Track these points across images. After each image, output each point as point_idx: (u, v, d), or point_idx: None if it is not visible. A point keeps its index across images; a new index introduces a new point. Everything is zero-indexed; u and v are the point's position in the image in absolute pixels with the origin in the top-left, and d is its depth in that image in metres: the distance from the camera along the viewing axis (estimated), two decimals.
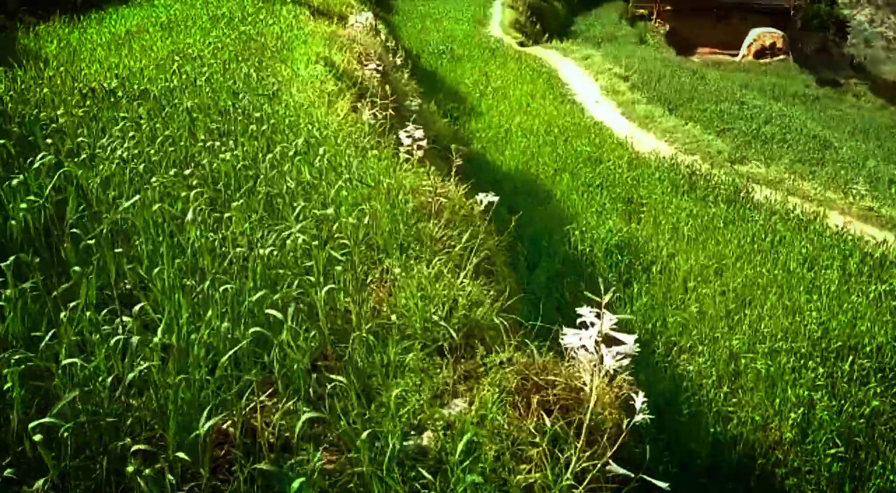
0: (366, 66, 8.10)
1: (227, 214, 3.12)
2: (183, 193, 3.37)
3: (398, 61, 11.06)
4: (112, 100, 5.01)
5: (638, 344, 2.32)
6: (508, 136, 14.47)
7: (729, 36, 50.98)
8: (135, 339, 2.26)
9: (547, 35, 34.13)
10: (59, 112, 4.69)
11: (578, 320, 2.31)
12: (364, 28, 9.82)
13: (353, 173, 4.15)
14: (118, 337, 2.31)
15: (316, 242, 3.06)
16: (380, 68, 7.70)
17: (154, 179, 3.31)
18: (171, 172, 3.59)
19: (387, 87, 8.65)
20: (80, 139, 4.11)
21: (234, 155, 3.94)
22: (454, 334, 2.98)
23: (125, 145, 3.90)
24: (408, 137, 4.94)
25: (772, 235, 9.75)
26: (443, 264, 3.47)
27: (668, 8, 54.09)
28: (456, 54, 22.97)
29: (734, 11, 54.96)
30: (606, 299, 2.16)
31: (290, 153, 3.95)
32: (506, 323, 3.24)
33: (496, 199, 4.69)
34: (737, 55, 50.01)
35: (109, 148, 3.90)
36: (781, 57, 49.63)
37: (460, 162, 4.69)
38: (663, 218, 10.40)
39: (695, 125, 15.87)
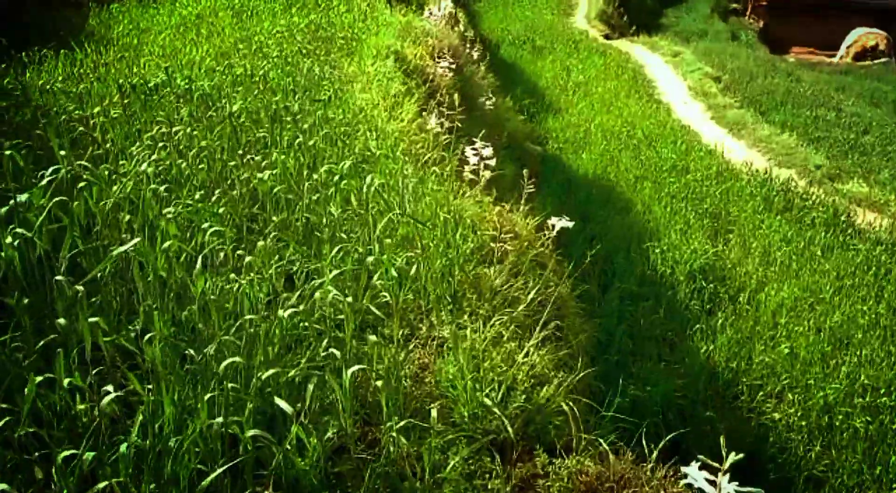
0: (439, 62, 7.53)
1: (248, 259, 2.60)
2: (205, 225, 2.87)
3: (475, 54, 10.43)
4: (156, 97, 4.59)
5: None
6: (587, 136, 13.67)
7: (827, 35, 48.08)
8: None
9: (634, 28, 32.78)
10: (95, 110, 4.30)
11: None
12: (442, 18, 9.25)
13: (407, 200, 3.59)
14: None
15: (350, 299, 2.52)
16: (454, 65, 7.11)
17: (170, 208, 2.81)
18: (198, 195, 3.11)
19: (459, 86, 8.07)
20: (107, 146, 3.69)
21: (273, 174, 3.44)
22: (510, 429, 2.40)
23: (153, 157, 3.44)
24: (475, 154, 4.35)
25: (875, 267, 8.73)
26: (503, 326, 2.88)
27: (763, 3, 51.52)
28: (537, 46, 22.14)
29: (834, 10, 51.90)
30: (727, 464, 1.52)
31: (336, 176, 3.41)
32: (576, 409, 2.63)
33: (571, 224, 4.09)
34: (834, 56, 47.24)
35: (136, 159, 3.46)
36: (884, 60, 46.51)
37: (533, 189, 4.07)
38: (754, 240, 9.49)
39: (791, 135, 14.66)
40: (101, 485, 1.72)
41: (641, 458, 2.53)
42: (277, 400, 2.06)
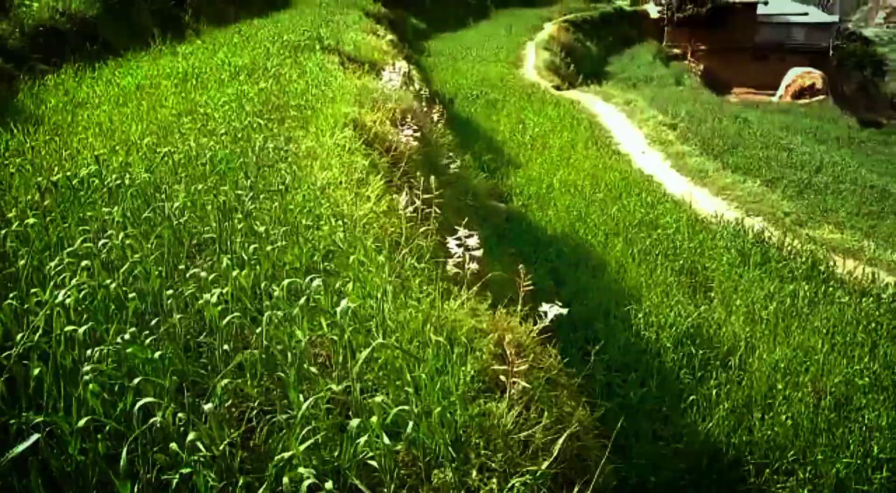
0: (401, 129, 7.03)
1: (191, 436, 1.96)
2: (137, 379, 2.23)
3: (435, 116, 10.01)
4: (83, 194, 3.94)
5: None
6: (551, 192, 13.31)
7: (765, 76, 49.79)
8: None
9: (581, 77, 33.23)
10: (11, 214, 3.64)
11: None
12: (398, 81, 8.81)
13: (387, 314, 2.99)
14: None
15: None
16: (417, 133, 6.63)
17: (88, 366, 2.17)
18: (128, 334, 2.46)
19: (424, 150, 7.59)
20: (20, 262, 3.03)
21: (221, 296, 2.82)
22: None
23: (74, 281, 2.79)
24: (458, 244, 3.80)
25: (865, 322, 8.40)
26: (528, 488, 2.28)
27: (703, 48, 53.15)
28: (491, 99, 22.02)
29: (771, 51, 53.85)
30: None
31: (303, 298, 2.80)
32: None
33: (565, 311, 3.63)
34: (774, 95, 48.74)
35: (52, 282, 2.80)
36: (821, 97, 48.21)
37: (531, 286, 3.53)
38: (736, 297, 9.11)
39: (754, 181, 14.56)
40: None
41: None
42: None
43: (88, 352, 2.36)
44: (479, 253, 3.75)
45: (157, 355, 2.37)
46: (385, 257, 3.72)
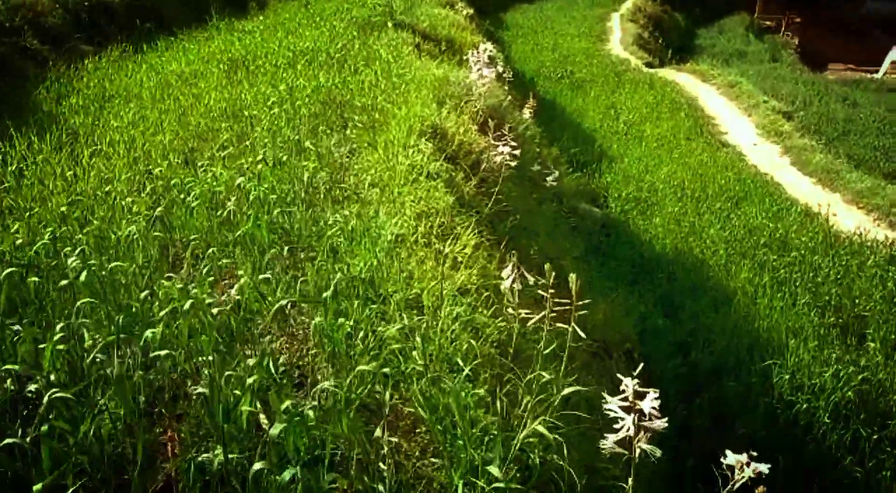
0: (492, 138, 5.42)
1: None
2: None
3: (527, 113, 8.35)
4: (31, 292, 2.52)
5: None
6: (654, 193, 11.50)
7: (866, 51, 45.59)
8: None
9: (670, 51, 30.69)
10: None
11: None
12: (487, 70, 7.18)
13: None
14: None
15: None
16: (517, 149, 5.02)
17: None
18: None
19: (519, 171, 6.00)
20: None
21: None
22: None
23: None
24: (626, 406, 2.23)
25: None
26: None
27: (798, 20, 49.13)
28: (576, 79, 20.08)
29: (874, 24, 49.32)
30: None
31: None
32: None
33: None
34: (876, 72, 44.64)
35: None
36: None
37: None
38: None
39: (873, 175, 12.37)
40: None
41: None
42: None
43: None
44: (658, 425, 2.19)
45: None
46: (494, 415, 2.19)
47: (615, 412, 2.21)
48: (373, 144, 5.14)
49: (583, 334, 2.41)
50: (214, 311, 2.47)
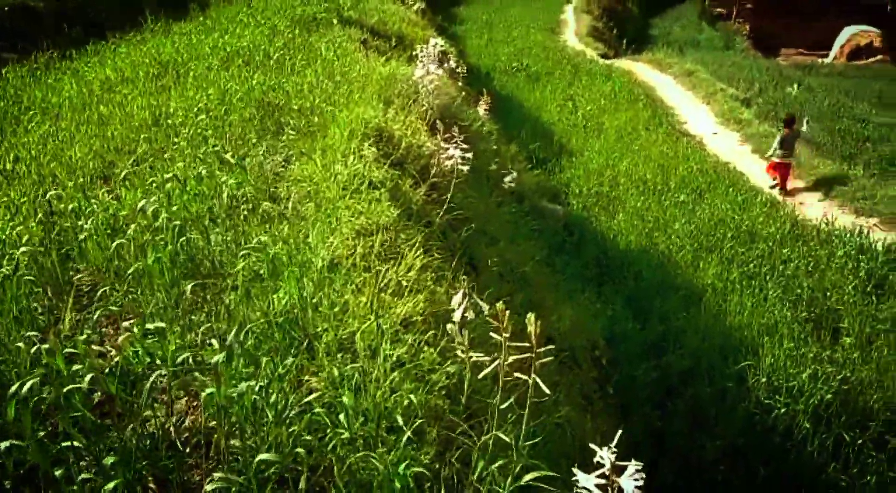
0: (442, 141, 4.96)
1: None
2: None
3: (482, 110, 7.90)
4: None
5: None
6: (616, 189, 11.16)
7: (817, 35, 46.08)
8: None
9: (626, 42, 30.57)
10: None
11: None
12: (436, 65, 6.72)
13: None
14: None
15: None
16: (468, 152, 4.57)
17: None
18: None
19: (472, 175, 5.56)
20: None
21: None
22: None
23: None
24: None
25: None
26: None
27: (749, 6, 49.51)
28: (532, 72, 19.72)
29: (824, 9, 49.91)
30: None
31: None
32: None
33: None
34: (826, 57, 45.15)
35: None
36: (879, 57, 44.59)
37: None
38: (879, 341, 6.98)
39: (857, 169, 12.23)
40: None
41: None
42: None
43: None
44: None
45: None
46: None
47: (589, 491, 1.76)
48: (309, 151, 4.64)
49: (546, 390, 1.96)
50: (88, 378, 1.96)
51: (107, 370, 2.10)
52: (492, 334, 2.11)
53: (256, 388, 1.99)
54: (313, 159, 4.54)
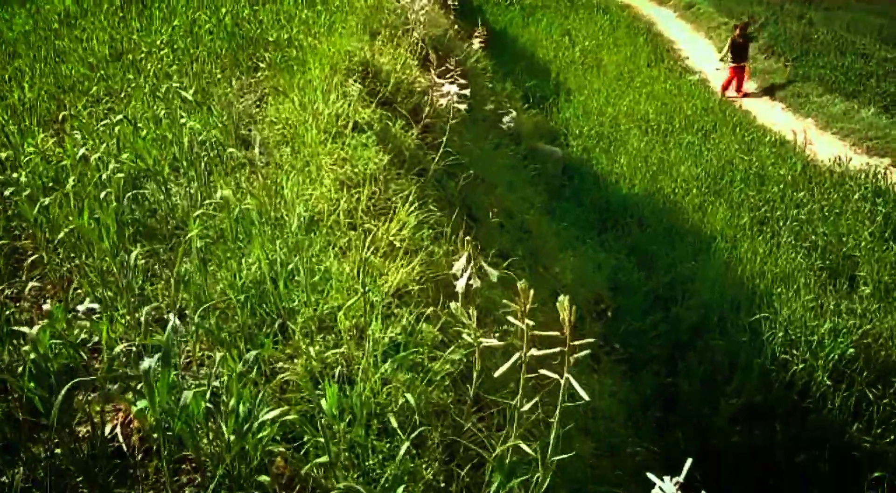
0: (436, 76, 4.41)
1: None
2: None
3: (476, 44, 7.28)
4: None
5: None
6: (617, 129, 10.61)
7: None
8: None
9: None
10: None
11: None
12: None
13: None
14: None
15: None
16: (465, 89, 4.04)
17: None
18: None
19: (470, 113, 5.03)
20: None
21: None
22: None
23: None
24: None
25: None
26: None
27: None
28: (527, 5, 18.82)
29: None
30: None
31: None
32: None
33: None
34: None
35: None
36: None
37: None
38: None
39: (868, 109, 11.65)
40: None
41: None
42: None
43: None
44: None
45: None
46: None
47: None
48: (285, 88, 4.10)
49: (584, 394, 1.51)
50: None
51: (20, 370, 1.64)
52: (511, 318, 1.65)
53: (208, 394, 1.53)
54: (290, 98, 3.99)
